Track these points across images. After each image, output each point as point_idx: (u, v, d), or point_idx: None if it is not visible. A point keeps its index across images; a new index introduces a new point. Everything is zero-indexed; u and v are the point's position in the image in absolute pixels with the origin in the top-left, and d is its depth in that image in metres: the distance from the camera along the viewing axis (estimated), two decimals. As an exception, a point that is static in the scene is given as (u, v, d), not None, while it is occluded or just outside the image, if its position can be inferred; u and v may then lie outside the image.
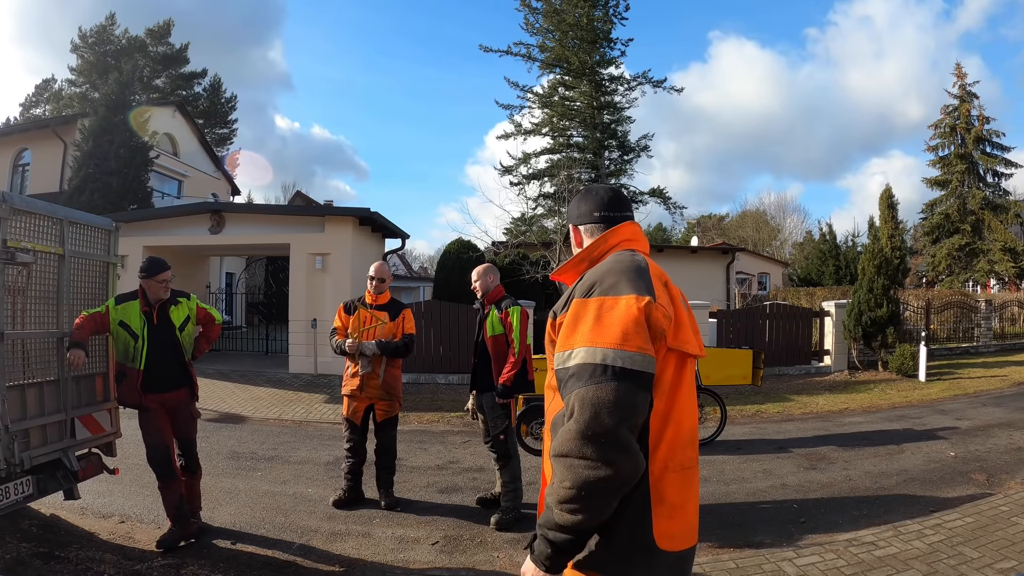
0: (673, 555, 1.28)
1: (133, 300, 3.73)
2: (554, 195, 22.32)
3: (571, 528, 1.17)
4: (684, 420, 1.32)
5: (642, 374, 1.19)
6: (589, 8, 25.88)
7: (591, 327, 1.23)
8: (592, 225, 1.54)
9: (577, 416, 1.16)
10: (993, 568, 3.14)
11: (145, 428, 3.71)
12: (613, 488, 1.15)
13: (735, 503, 4.42)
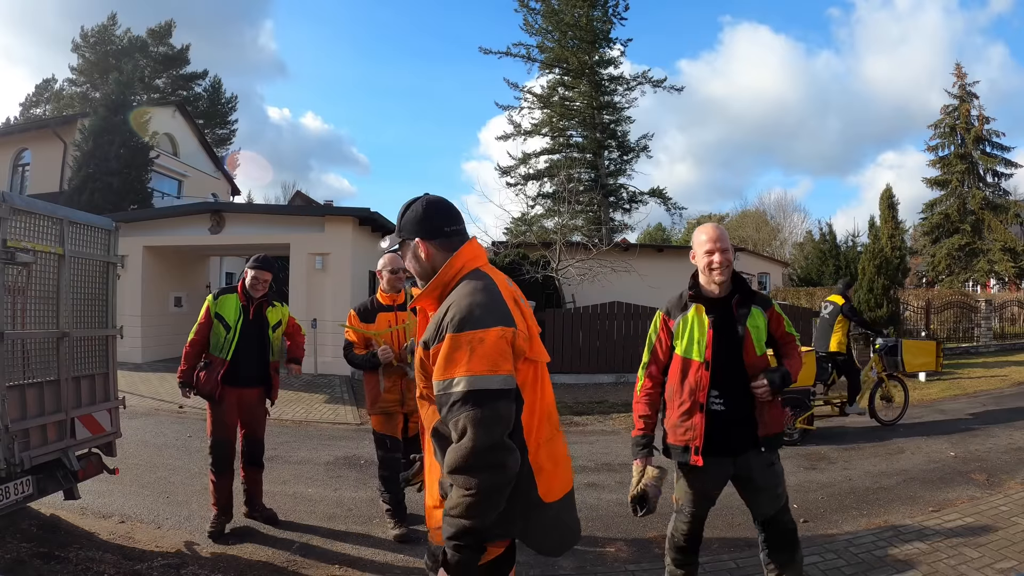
0: (556, 503, 1.64)
1: (232, 293, 3.90)
2: (554, 195, 22.37)
3: (481, 528, 1.40)
4: (542, 406, 1.65)
5: (510, 391, 1.46)
6: (588, 8, 25.90)
7: (468, 359, 1.44)
8: (439, 240, 1.66)
9: (470, 435, 1.39)
10: (993, 568, 3.14)
11: (215, 420, 3.84)
12: (508, 484, 1.42)
13: (735, 503, 4.41)
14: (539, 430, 1.61)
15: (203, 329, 3.86)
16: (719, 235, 2.44)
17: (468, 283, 1.57)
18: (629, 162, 27.87)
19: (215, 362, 3.80)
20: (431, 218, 1.68)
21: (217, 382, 3.76)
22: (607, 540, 3.79)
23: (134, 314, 11.30)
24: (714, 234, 2.45)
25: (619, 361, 10.76)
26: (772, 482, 2.57)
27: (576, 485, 4.85)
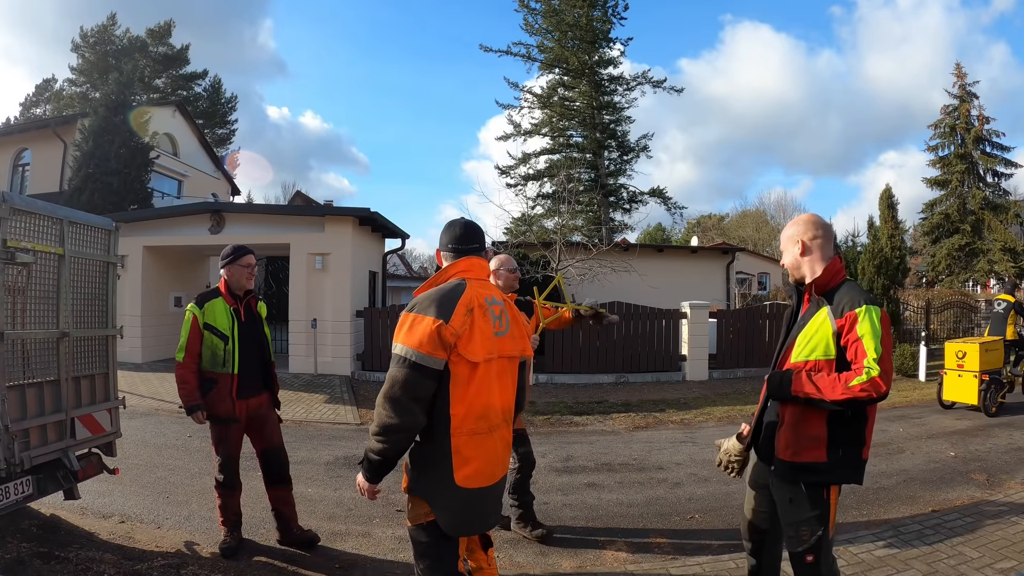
0: (470, 491, 1.93)
1: (216, 298, 3.53)
2: (554, 195, 22.36)
3: (379, 453, 1.89)
4: (475, 402, 1.92)
5: (426, 368, 1.84)
6: (588, 8, 25.89)
7: (405, 333, 1.88)
8: (447, 253, 2.12)
9: (385, 384, 1.87)
10: (993, 568, 3.14)
11: (225, 440, 3.49)
12: (401, 432, 1.86)
13: (735, 503, 4.42)
14: (466, 421, 1.91)
15: (195, 346, 3.46)
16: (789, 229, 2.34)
17: (447, 284, 1.99)
18: (629, 162, 27.87)
19: (221, 379, 3.44)
20: (451, 234, 2.13)
21: (232, 399, 3.43)
22: (607, 540, 3.79)
23: (134, 314, 11.30)
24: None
25: (619, 361, 10.76)
26: (789, 518, 2.19)
27: (576, 485, 4.87)
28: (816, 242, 2.24)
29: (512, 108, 27.70)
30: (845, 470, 2.10)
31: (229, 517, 3.61)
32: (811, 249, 2.24)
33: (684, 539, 3.79)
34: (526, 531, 3.78)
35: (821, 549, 2.11)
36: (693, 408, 8.25)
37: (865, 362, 1.97)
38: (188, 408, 3.48)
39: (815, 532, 2.09)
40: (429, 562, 1.96)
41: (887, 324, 2.05)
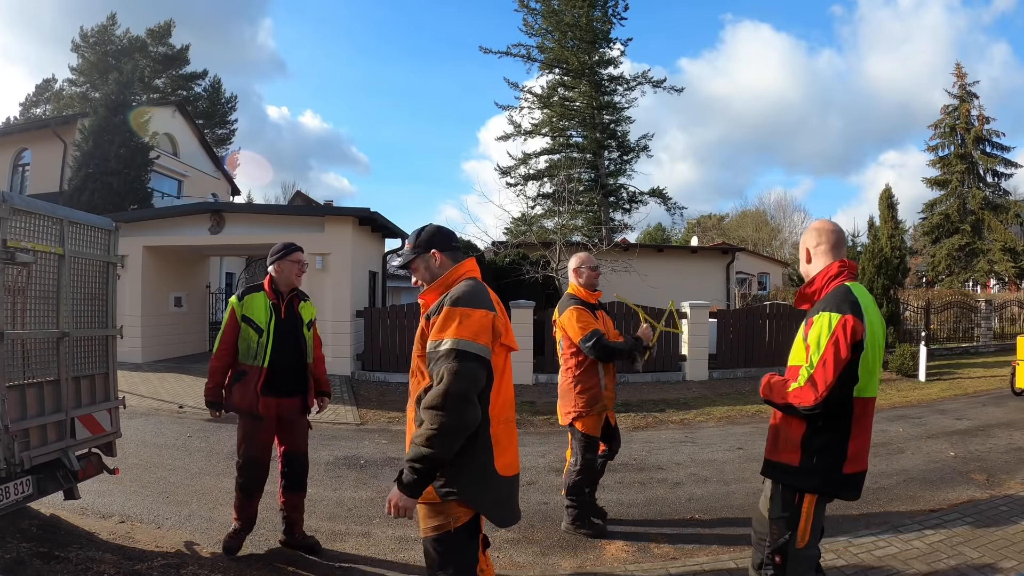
0: (508, 480, 2.01)
1: (258, 292, 3.47)
2: (554, 195, 22.35)
3: (431, 459, 1.78)
4: (505, 391, 2.04)
5: (484, 360, 1.88)
6: (588, 8, 25.89)
7: (457, 327, 1.87)
8: (449, 253, 2.13)
9: (445, 381, 1.80)
10: (993, 568, 3.14)
11: (250, 438, 3.41)
12: (464, 429, 1.81)
13: (735, 503, 4.42)
14: (501, 409, 1.99)
15: (230, 336, 3.41)
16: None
17: (466, 282, 2.04)
18: (629, 162, 27.87)
19: (250, 371, 3.37)
20: (444, 236, 2.16)
21: (256, 393, 3.35)
22: (607, 540, 3.79)
23: (134, 314, 11.29)
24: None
25: (618, 361, 10.74)
26: (766, 513, 2.21)
27: (576, 485, 4.74)
28: (820, 248, 2.27)
29: (512, 108, 27.72)
30: (815, 479, 2.07)
31: (244, 513, 3.54)
32: (815, 256, 2.30)
33: (684, 539, 3.79)
34: (580, 532, 3.83)
35: (787, 554, 2.10)
36: (693, 408, 8.25)
37: (802, 369, 2.05)
38: (207, 402, 3.52)
39: (783, 533, 2.11)
40: (454, 570, 1.92)
41: (844, 333, 1.99)
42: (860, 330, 2.01)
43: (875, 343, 2.08)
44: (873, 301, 2.19)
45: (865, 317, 2.05)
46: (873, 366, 2.08)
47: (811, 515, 2.09)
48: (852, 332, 1.99)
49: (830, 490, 2.11)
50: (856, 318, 2.02)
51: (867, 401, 2.09)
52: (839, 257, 2.25)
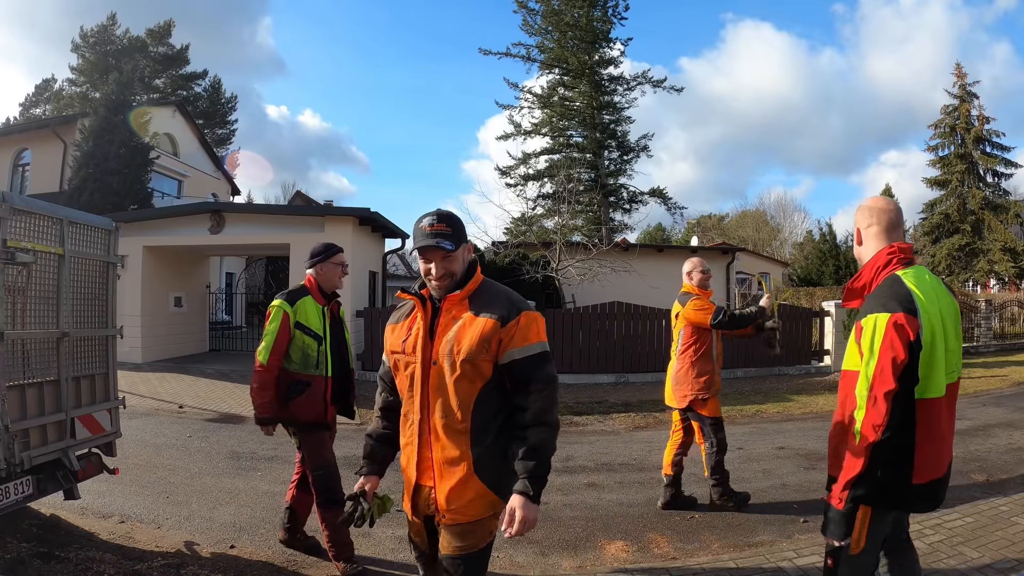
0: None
1: (306, 295, 3.25)
2: (554, 195, 22.37)
3: (548, 464, 1.82)
4: None
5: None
6: (588, 8, 25.89)
7: (539, 331, 1.87)
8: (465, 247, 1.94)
9: (551, 384, 1.88)
10: (993, 568, 3.14)
11: (324, 448, 3.23)
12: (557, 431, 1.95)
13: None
14: None
15: (283, 344, 3.14)
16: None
17: (491, 281, 1.99)
18: (629, 162, 27.88)
19: (315, 383, 3.17)
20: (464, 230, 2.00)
21: (326, 404, 3.19)
22: (607, 540, 3.79)
23: (134, 314, 11.29)
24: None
25: (619, 361, 10.76)
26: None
27: (576, 485, 4.89)
28: (871, 230, 2.00)
29: (512, 108, 27.74)
30: (875, 490, 1.81)
31: (334, 538, 3.19)
32: (866, 239, 2.03)
33: (684, 539, 3.79)
34: (730, 503, 4.17)
35: (839, 560, 1.90)
36: (693, 408, 8.25)
37: (858, 382, 1.79)
38: (261, 419, 3.19)
39: (836, 539, 1.86)
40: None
41: (898, 334, 1.74)
42: (915, 326, 1.76)
43: (935, 337, 1.80)
44: (935, 285, 1.89)
45: (920, 309, 1.78)
46: (934, 363, 1.80)
47: (866, 525, 1.88)
48: (906, 329, 1.75)
49: (895, 502, 1.87)
50: (908, 314, 1.76)
51: (931, 403, 1.81)
52: (893, 240, 1.96)
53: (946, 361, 1.83)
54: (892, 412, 1.73)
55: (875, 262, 1.95)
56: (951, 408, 1.88)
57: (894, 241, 1.96)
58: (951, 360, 1.86)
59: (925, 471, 1.83)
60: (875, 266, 1.94)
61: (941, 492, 1.89)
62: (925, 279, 1.87)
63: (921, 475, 1.82)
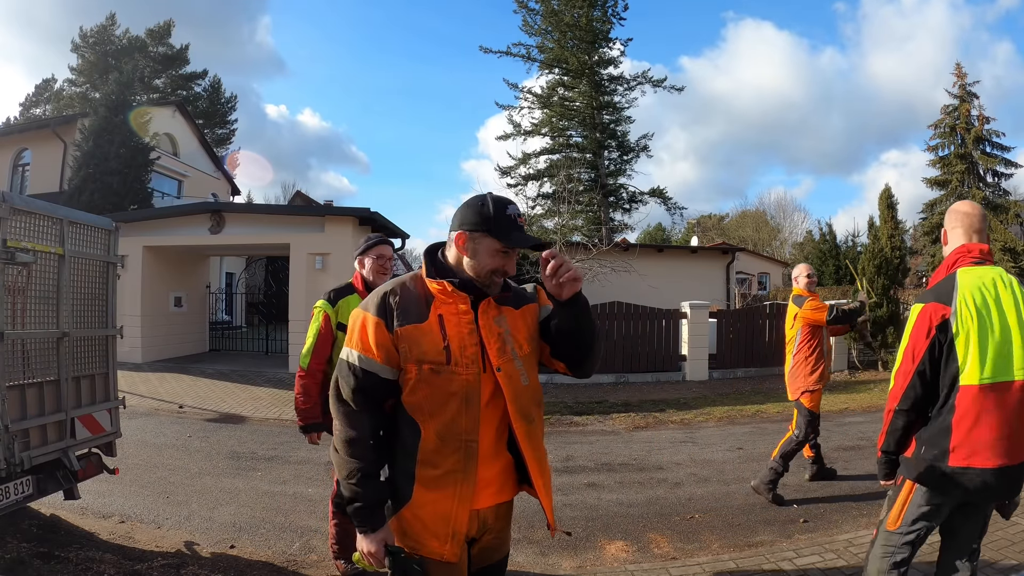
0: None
1: (351, 294, 3.06)
2: (554, 195, 22.35)
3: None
4: None
5: None
6: (588, 8, 25.88)
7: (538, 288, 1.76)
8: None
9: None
10: (993, 568, 3.14)
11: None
12: None
13: (735, 503, 4.42)
14: None
15: (325, 347, 2.96)
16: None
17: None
18: (629, 162, 27.84)
19: None
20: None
21: None
22: (607, 540, 3.79)
23: (134, 314, 11.29)
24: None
25: (619, 361, 10.76)
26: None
27: (576, 485, 4.90)
28: (955, 232, 2.15)
29: (512, 108, 27.68)
30: (916, 469, 2.01)
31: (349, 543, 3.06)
32: (950, 240, 2.18)
33: (684, 539, 3.79)
34: (767, 495, 4.39)
35: (879, 531, 2.14)
36: (693, 408, 8.25)
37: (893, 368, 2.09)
38: (305, 426, 3.02)
39: (880, 478, 2.18)
40: None
41: (922, 321, 1.97)
42: (940, 312, 1.94)
43: (980, 324, 1.90)
44: (998, 282, 2.00)
45: (958, 298, 1.93)
46: (977, 348, 1.88)
47: (906, 503, 2.05)
48: (930, 317, 1.95)
49: (932, 481, 1.97)
50: (939, 303, 1.96)
51: (971, 388, 1.88)
52: (967, 241, 2.10)
53: (997, 353, 1.88)
54: (913, 388, 1.97)
55: (946, 261, 2.11)
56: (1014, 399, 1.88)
57: (973, 243, 2.09)
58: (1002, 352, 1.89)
59: (963, 455, 1.88)
60: (945, 264, 2.11)
61: (999, 483, 1.89)
62: (986, 276, 1.99)
63: (958, 458, 1.88)
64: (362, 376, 1.55)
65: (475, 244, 1.58)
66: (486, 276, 1.60)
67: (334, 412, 1.60)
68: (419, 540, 1.55)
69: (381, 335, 1.55)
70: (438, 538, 1.54)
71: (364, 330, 1.56)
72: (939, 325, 1.93)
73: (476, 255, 1.59)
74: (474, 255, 1.59)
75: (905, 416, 2.01)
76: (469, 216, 1.59)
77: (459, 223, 1.61)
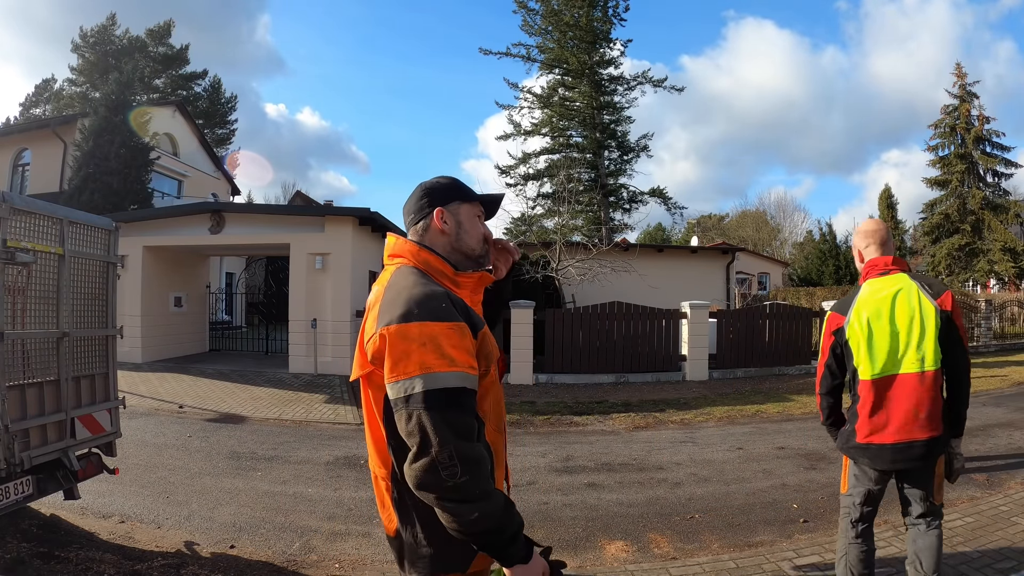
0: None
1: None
2: (554, 195, 22.35)
3: None
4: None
5: None
6: (588, 8, 25.88)
7: None
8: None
9: None
10: (993, 568, 3.14)
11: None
12: None
13: (735, 503, 4.42)
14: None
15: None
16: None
17: None
18: (629, 162, 27.86)
19: None
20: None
21: None
22: (607, 540, 3.79)
23: (134, 314, 11.29)
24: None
25: (619, 361, 10.76)
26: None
27: (576, 485, 4.90)
28: (870, 249, 2.54)
29: (512, 108, 27.72)
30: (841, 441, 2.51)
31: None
32: (863, 256, 2.56)
33: (684, 539, 3.79)
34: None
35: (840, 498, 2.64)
36: (693, 408, 8.25)
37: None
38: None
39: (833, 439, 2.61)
40: None
41: (825, 328, 2.52)
42: (835, 321, 2.44)
43: (869, 331, 2.32)
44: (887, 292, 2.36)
45: (853, 310, 2.37)
46: (862, 352, 2.33)
47: (844, 471, 2.58)
48: (829, 324, 2.47)
49: (849, 453, 2.48)
50: (838, 313, 2.45)
51: (865, 382, 2.33)
52: (878, 255, 2.47)
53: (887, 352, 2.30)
54: (826, 378, 2.52)
55: (862, 274, 2.51)
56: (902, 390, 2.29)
57: (879, 256, 2.47)
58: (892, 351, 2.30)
59: (865, 433, 2.35)
60: (862, 277, 2.51)
61: (894, 456, 2.32)
62: (888, 286, 2.37)
63: (862, 436, 2.36)
64: (470, 399, 1.28)
65: (456, 217, 1.47)
66: (480, 246, 1.50)
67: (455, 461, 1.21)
68: None
69: (469, 343, 1.31)
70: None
71: (452, 343, 1.26)
72: (835, 331, 2.43)
73: (461, 227, 1.47)
74: (459, 228, 1.47)
75: (825, 398, 2.56)
76: (437, 193, 1.48)
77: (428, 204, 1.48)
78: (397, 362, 1.24)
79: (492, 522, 1.23)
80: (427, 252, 1.44)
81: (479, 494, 1.22)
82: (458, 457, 1.20)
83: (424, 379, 1.21)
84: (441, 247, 1.47)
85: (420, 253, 1.44)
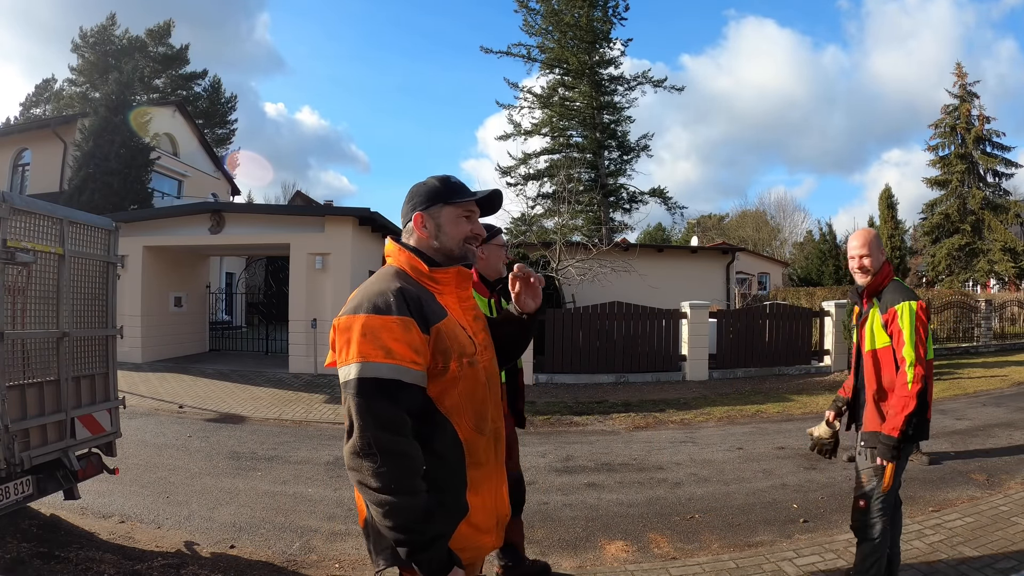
0: None
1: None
2: (554, 195, 22.35)
3: None
4: None
5: None
6: (588, 8, 25.88)
7: None
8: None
9: None
10: (993, 568, 3.14)
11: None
12: None
13: (735, 503, 4.42)
14: None
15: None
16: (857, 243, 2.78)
17: None
18: (629, 162, 27.85)
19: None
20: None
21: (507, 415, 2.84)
22: (607, 540, 3.79)
23: (134, 314, 11.30)
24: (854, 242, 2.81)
25: (619, 361, 10.76)
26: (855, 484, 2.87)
27: (576, 485, 4.90)
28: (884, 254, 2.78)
29: (512, 108, 27.71)
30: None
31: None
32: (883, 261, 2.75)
33: (684, 539, 3.79)
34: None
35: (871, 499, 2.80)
36: (693, 408, 8.25)
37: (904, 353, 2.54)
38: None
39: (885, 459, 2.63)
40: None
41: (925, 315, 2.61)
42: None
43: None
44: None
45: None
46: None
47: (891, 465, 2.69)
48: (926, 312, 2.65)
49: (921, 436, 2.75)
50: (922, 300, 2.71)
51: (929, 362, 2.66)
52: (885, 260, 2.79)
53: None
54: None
55: (889, 273, 2.74)
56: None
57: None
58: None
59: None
60: (889, 275, 2.74)
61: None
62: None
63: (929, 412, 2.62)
64: (405, 393, 1.32)
65: (436, 220, 1.53)
66: (459, 247, 1.55)
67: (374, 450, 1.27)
68: (476, 545, 1.45)
69: (415, 338, 1.35)
70: (489, 532, 1.49)
71: (393, 336, 1.32)
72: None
73: (441, 230, 1.53)
74: (438, 231, 1.53)
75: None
76: (419, 197, 1.55)
77: (411, 208, 1.55)
78: (340, 350, 1.36)
79: (402, 519, 1.26)
80: (407, 252, 1.53)
81: (395, 488, 1.26)
82: (376, 447, 1.27)
83: (359, 367, 1.30)
84: (425, 248, 1.55)
85: (401, 254, 1.54)
